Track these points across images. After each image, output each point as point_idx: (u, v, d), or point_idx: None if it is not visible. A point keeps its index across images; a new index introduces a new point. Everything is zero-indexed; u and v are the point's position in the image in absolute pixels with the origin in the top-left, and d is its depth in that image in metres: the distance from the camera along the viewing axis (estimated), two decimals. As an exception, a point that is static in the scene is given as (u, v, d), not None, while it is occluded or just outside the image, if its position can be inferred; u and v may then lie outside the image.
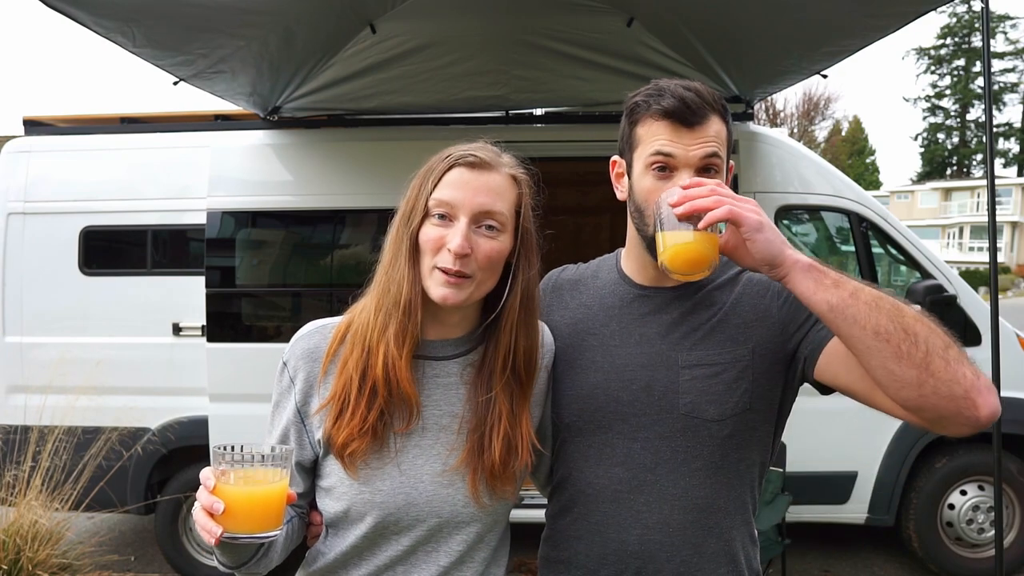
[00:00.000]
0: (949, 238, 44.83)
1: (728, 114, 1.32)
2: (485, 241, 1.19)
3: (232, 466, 1.05)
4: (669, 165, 1.26)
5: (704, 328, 1.32)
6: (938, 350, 1.03)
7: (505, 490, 1.25)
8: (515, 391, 1.26)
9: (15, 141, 4.24)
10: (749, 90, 4.00)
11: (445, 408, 1.24)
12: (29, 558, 3.46)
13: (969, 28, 50.61)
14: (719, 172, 1.28)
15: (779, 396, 1.33)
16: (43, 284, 4.11)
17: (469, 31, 3.47)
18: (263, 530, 1.05)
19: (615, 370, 1.32)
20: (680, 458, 1.29)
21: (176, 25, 2.90)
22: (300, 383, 1.24)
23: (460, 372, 1.26)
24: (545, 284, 1.52)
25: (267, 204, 4.05)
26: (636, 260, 1.40)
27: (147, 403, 3.96)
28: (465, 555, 1.25)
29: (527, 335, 1.26)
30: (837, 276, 1.10)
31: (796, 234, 4.69)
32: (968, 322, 3.93)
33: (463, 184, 1.19)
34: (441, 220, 1.19)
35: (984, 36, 2.88)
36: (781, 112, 37.75)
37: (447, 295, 1.17)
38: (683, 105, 1.24)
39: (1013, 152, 50.20)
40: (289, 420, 1.25)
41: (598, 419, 1.32)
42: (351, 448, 1.19)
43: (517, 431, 1.24)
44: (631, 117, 1.33)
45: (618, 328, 1.36)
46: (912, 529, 4.04)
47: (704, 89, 1.28)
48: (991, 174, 2.96)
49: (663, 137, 1.26)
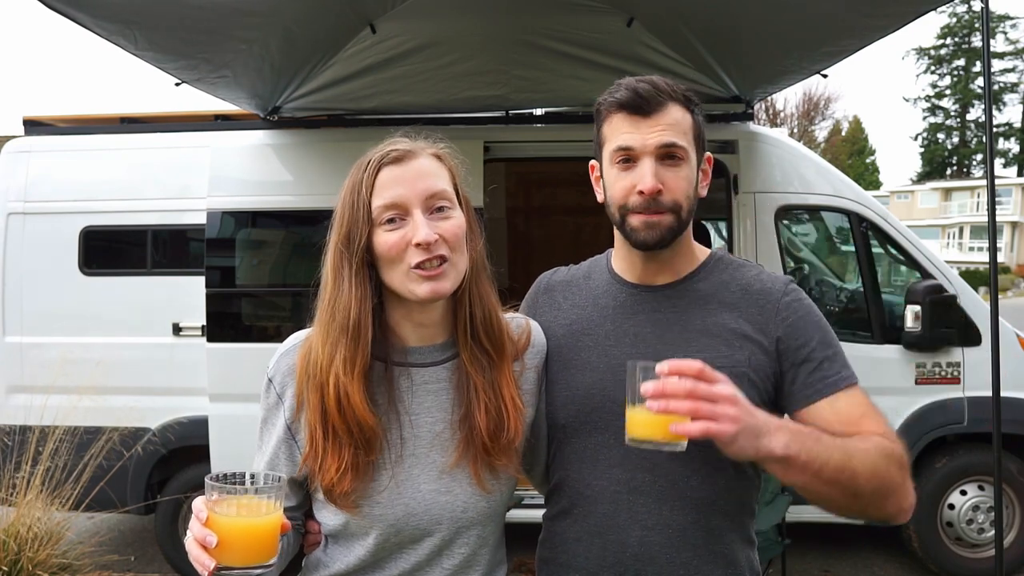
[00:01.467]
0: (949, 238, 44.82)
1: (693, 105, 1.33)
2: (444, 222, 1.17)
3: (224, 496, 1.03)
4: (630, 156, 1.28)
5: (699, 329, 1.31)
6: (880, 495, 1.16)
7: (506, 465, 1.23)
8: (485, 362, 1.24)
9: (15, 141, 4.25)
10: (749, 90, 4.00)
11: (438, 415, 1.22)
12: (29, 558, 3.45)
13: (969, 28, 50.59)
14: (684, 161, 1.29)
15: (774, 402, 1.31)
16: (43, 284, 4.11)
17: (469, 31, 3.47)
18: (257, 562, 1.03)
19: (611, 370, 1.30)
20: (677, 459, 1.25)
21: (177, 27, 2.90)
22: (288, 399, 1.21)
23: (449, 376, 1.24)
24: (537, 286, 1.51)
25: (267, 204, 4.05)
26: (624, 259, 1.40)
27: (147, 403, 3.96)
28: (471, 558, 1.24)
29: (481, 304, 1.24)
30: (807, 458, 1.10)
31: (796, 234, 4.69)
32: (968, 322, 3.93)
33: (399, 180, 1.17)
34: (392, 224, 1.16)
35: (984, 36, 2.88)
36: (781, 112, 37.75)
37: (436, 288, 1.16)
38: (636, 95, 1.27)
39: (1013, 152, 50.18)
40: (279, 438, 1.22)
41: (594, 420, 1.31)
42: (338, 491, 1.16)
43: (499, 400, 1.22)
44: (597, 119, 1.36)
45: (612, 328, 1.35)
46: (912, 529, 4.04)
47: (661, 80, 1.30)
48: (991, 174, 2.96)
49: (623, 131, 1.29)
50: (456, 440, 1.21)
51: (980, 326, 3.91)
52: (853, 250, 4.19)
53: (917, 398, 3.93)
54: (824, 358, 1.28)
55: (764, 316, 1.30)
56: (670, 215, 1.28)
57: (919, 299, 3.81)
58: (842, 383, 1.26)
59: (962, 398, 3.91)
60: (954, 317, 3.89)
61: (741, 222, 4.01)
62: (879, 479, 1.15)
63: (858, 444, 1.16)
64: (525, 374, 1.32)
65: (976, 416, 3.86)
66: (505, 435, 1.21)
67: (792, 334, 1.29)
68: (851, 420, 1.23)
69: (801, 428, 1.15)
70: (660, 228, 1.28)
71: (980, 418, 3.83)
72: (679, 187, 1.28)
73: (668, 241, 1.30)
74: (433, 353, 1.25)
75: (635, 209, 1.28)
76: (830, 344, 1.30)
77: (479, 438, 1.19)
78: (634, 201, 1.28)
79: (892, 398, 3.93)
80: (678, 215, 1.29)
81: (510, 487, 1.28)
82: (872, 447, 1.16)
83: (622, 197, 1.30)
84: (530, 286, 1.54)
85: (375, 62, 3.62)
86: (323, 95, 3.92)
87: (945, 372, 3.93)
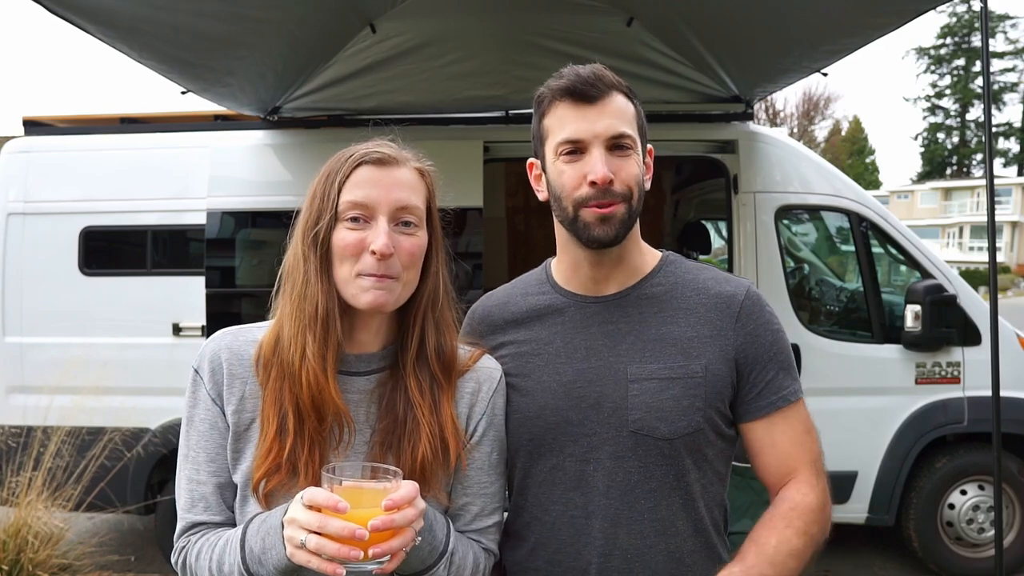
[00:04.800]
0: (949, 238, 44.82)
1: (634, 96, 1.28)
2: (406, 239, 1.14)
3: (358, 485, 1.00)
4: (579, 148, 1.22)
5: (654, 338, 1.25)
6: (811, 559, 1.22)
7: (437, 493, 1.17)
8: (434, 386, 1.18)
9: (15, 141, 4.24)
10: (749, 89, 4.00)
11: (356, 425, 1.16)
12: (30, 558, 3.46)
13: (969, 28, 50.56)
14: (632, 151, 1.24)
15: (730, 409, 1.28)
16: (43, 284, 4.10)
17: (469, 30, 3.47)
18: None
19: (563, 387, 1.26)
20: (634, 479, 1.22)
21: (178, 34, 2.90)
22: (238, 393, 1.17)
23: (371, 389, 1.18)
24: (472, 316, 1.43)
25: (267, 204, 4.04)
26: (570, 267, 1.33)
27: (147, 403, 3.95)
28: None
29: (436, 332, 1.20)
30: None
31: (796, 234, 4.69)
32: (968, 322, 3.93)
33: (375, 182, 1.13)
34: (355, 223, 1.12)
35: (984, 36, 2.88)
36: (781, 112, 37.79)
37: (378, 299, 1.11)
38: (580, 79, 1.22)
39: (1013, 152, 50.16)
40: (221, 431, 1.18)
41: (548, 441, 1.26)
42: (271, 484, 1.11)
43: (444, 427, 1.16)
44: (538, 111, 1.29)
45: (562, 344, 1.29)
46: (912, 529, 4.04)
47: (601, 69, 1.25)
48: (991, 174, 2.96)
49: (568, 123, 1.22)
50: (371, 458, 1.14)
51: (980, 326, 3.91)
52: (853, 250, 4.19)
53: (917, 398, 3.93)
54: (779, 369, 1.27)
55: (723, 321, 1.26)
56: (623, 204, 1.22)
57: (919, 299, 3.81)
58: (792, 397, 1.27)
59: (962, 398, 3.91)
60: (954, 317, 3.89)
61: (741, 222, 4.01)
62: (804, 563, 1.20)
63: (779, 557, 1.17)
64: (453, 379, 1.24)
65: (976, 416, 3.86)
66: (445, 460, 1.16)
67: (751, 342, 1.26)
68: (784, 454, 1.26)
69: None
70: (614, 221, 1.21)
71: (980, 418, 3.84)
72: (630, 174, 1.23)
73: (621, 236, 1.24)
74: (360, 363, 1.19)
75: (587, 201, 1.21)
76: (785, 354, 1.29)
77: (407, 461, 1.13)
78: (585, 192, 1.21)
79: (892, 398, 3.94)
80: (629, 204, 1.23)
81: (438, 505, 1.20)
82: (785, 552, 1.18)
83: (573, 189, 1.23)
84: None
85: (375, 62, 3.62)
86: (323, 95, 3.92)
87: (945, 372, 3.93)
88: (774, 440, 1.27)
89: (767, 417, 1.26)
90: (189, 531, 1.18)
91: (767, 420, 1.26)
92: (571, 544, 1.24)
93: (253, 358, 1.17)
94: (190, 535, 1.18)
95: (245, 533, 1.09)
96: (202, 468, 1.17)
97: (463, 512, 1.23)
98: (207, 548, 1.13)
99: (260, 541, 1.06)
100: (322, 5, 3.05)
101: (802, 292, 4.44)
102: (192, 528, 1.18)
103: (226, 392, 1.17)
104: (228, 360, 1.18)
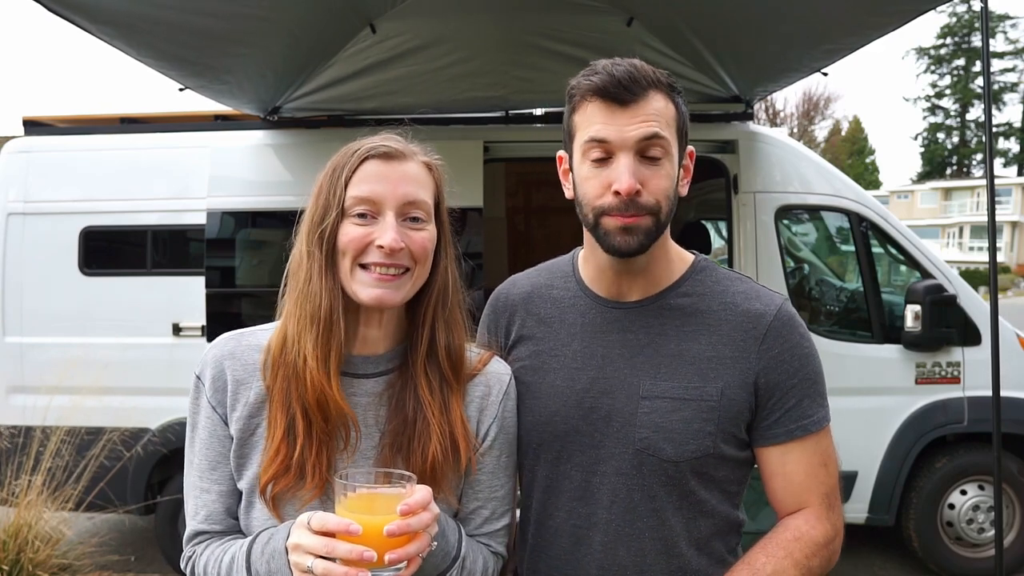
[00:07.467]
0: (949, 238, 44.82)
1: (676, 93, 1.18)
2: (415, 232, 1.11)
3: (373, 491, 0.99)
4: (606, 151, 1.14)
5: (671, 354, 1.20)
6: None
7: (447, 496, 1.16)
8: (444, 386, 1.16)
9: (15, 141, 4.24)
10: (749, 89, 4.00)
11: (363, 430, 1.14)
12: (29, 558, 3.46)
13: (969, 28, 50.56)
14: (666, 156, 1.15)
15: (745, 432, 1.22)
16: (43, 284, 4.10)
17: (469, 31, 3.47)
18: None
19: (575, 395, 1.22)
20: (636, 497, 1.18)
21: (178, 32, 2.90)
22: (244, 397, 1.16)
23: (380, 391, 1.16)
24: (495, 303, 1.38)
25: (267, 204, 4.04)
26: (594, 267, 1.28)
27: (147, 403, 3.95)
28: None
29: (447, 330, 1.17)
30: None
31: (796, 234, 4.69)
32: (968, 322, 3.93)
33: (382, 177, 1.10)
34: (362, 219, 1.10)
35: (984, 36, 2.88)
36: (781, 112, 37.76)
37: (382, 295, 1.09)
38: (614, 80, 1.12)
39: (1013, 152, 50.17)
40: (222, 439, 1.17)
41: (556, 449, 1.23)
42: (278, 487, 1.09)
43: (454, 427, 1.15)
44: (569, 104, 1.22)
45: (580, 348, 1.25)
46: (912, 529, 4.04)
47: (641, 64, 1.15)
48: (991, 174, 2.96)
49: (597, 121, 1.14)
50: (381, 460, 1.13)
51: (980, 326, 3.91)
52: (853, 250, 4.19)
53: (917, 398, 3.93)
54: (803, 396, 1.20)
55: (747, 343, 1.19)
56: (649, 217, 1.14)
57: (919, 299, 3.81)
58: (812, 427, 1.20)
59: (962, 398, 3.91)
60: (954, 317, 3.89)
61: (741, 222, 4.01)
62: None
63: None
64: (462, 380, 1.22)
65: (976, 416, 3.87)
66: (456, 462, 1.14)
67: (774, 367, 1.19)
68: (796, 484, 1.22)
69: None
70: (637, 233, 1.14)
71: (980, 418, 3.84)
72: (660, 186, 1.14)
73: (646, 247, 1.17)
74: (367, 365, 1.17)
75: (610, 211, 1.14)
76: (812, 380, 1.21)
77: (417, 463, 1.11)
78: (609, 202, 1.14)
79: (892, 398, 3.94)
80: (657, 217, 1.15)
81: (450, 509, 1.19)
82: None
83: (595, 197, 1.16)
84: None
85: (375, 62, 3.62)
86: (323, 95, 3.92)
87: (945, 372, 3.93)
88: (786, 470, 1.21)
89: (782, 445, 1.20)
90: (194, 540, 1.19)
91: (782, 448, 1.21)
92: (571, 552, 1.23)
93: (259, 362, 1.16)
94: (195, 544, 1.19)
95: (250, 555, 1.08)
96: (205, 475, 1.17)
97: (474, 516, 1.22)
98: (213, 563, 1.13)
99: (265, 564, 1.05)
100: (322, 5, 3.05)
101: (802, 292, 4.44)
102: (197, 536, 1.19)
103: (229, 399, 1.16)
104: (231, 367, 1.17)
